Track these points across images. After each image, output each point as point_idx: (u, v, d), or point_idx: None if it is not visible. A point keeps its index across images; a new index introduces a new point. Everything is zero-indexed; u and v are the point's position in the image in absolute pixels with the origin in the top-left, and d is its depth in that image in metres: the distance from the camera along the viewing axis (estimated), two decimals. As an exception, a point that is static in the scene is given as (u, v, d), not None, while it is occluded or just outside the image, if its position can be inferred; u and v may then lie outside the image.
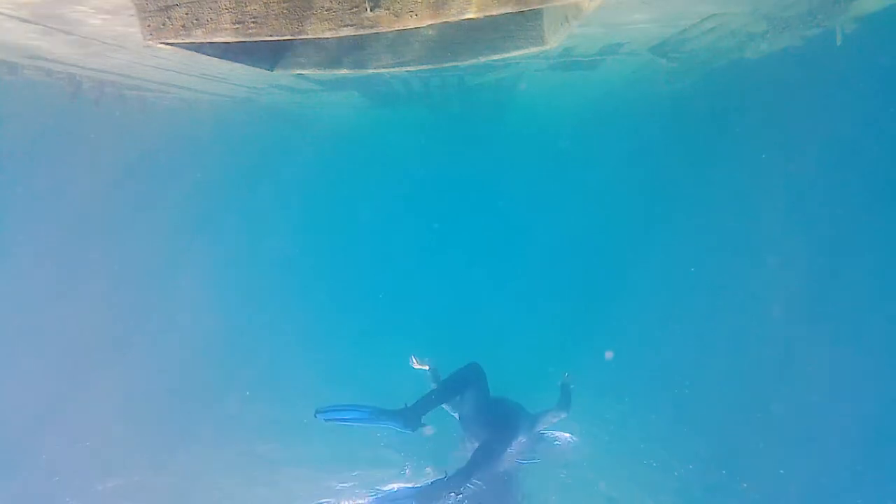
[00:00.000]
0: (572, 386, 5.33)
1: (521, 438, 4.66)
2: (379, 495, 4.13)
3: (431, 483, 4.05)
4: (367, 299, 14.12)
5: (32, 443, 7.22)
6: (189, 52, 2.30)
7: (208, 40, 1.89)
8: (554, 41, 2.55)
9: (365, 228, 20.06)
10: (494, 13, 1.78)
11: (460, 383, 4.62)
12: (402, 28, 1.80)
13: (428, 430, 4.39)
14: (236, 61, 2.57)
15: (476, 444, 4.40)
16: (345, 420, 4.21)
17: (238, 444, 7.49)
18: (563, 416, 5.03)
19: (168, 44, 1.97)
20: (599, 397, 8.13)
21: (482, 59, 2.75)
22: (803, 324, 8.25)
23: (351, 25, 1.79)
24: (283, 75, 6.19)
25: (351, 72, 2.86)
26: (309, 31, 1.82)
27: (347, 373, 9.58)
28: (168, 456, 7.09)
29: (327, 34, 1.82)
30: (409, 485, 4.38)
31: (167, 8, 1.87)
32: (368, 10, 1.76)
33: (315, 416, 4.13)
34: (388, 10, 1.76)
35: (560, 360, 8.94)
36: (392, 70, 2.82)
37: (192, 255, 13.71)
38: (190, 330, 10.98)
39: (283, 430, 7.76)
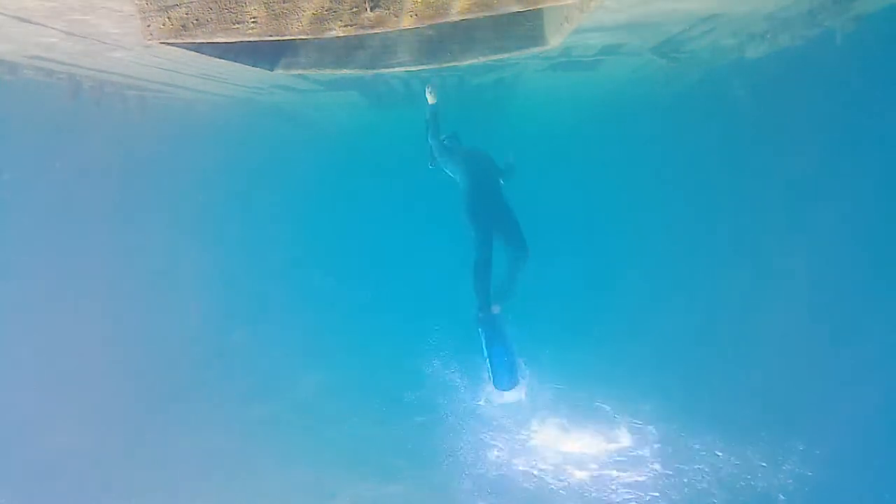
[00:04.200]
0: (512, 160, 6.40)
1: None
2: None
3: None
4: (366, 299, 14.11)
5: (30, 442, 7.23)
6: (189, 52, 2.31)
7: (208, 40, 1.89)
8: (555, 41, 2.55)
9: (364, 228, 20.07)
10: (495, 13, 1.78)
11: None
12: (402, 28, 1.80)
13: None
14: (237, 61, 2.57)
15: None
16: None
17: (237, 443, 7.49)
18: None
19: (168, 44, 1.97)
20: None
21: (482, 60, 2.75)
22: (801, 322, 8.24)
23: (351, 25, 1.79)
24: (283, 75, 6.21)
25: (351, 72, 2.87)
26: (309, 32, 1.82)
27: (350, 371, 9.60)
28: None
29: (327, 34, 1.82)
30: None
31: (167, 8, 1.87)
32: (368, 10, 1.76)
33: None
34: (388, 10, 1.76)
35: (562, 363, 8.97)
36: (392, 70, 2.82)
37: (192, 255, 13.72)
38: (189, 330, 10.99)
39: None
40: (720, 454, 5.94)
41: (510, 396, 5.29)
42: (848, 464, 5.53)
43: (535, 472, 6.01)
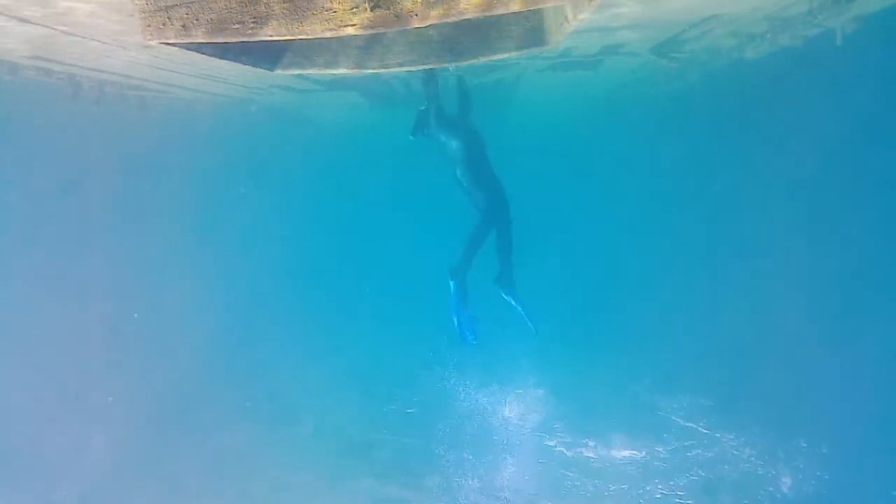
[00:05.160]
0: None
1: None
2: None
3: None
4: (366, 299, 14.11)
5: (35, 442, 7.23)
6: (189, 52, 2.30)
7: (208, 40, 1.88)
8: (555, 41, 2.55)
9: (363, 228, 20.07)
10: (495, 13, 1.78)
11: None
12: (402, 28, 1.80)
13: None
14: (237, 61, 2.56)
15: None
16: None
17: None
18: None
19: (168, 44, 1.97)
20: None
21: (482, 60, 2.75)
22: (799, 321, 8.24)
23: (351, 26, 1.79)
24: (283, 75, 6.21)
25: (351, 72, 2.86)
26: (309, 32, 1.82)
27: (351, 372, 9.60)
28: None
29: (328, 34, 1.82)
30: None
31: (167, 8, 1.87)
32: (369, 10, 1.76)
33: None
34: (389, 10, 1.76)
35: (563, 362, 8.95)
36: (392, 70, 2.82)
37: (192, 255, 13.70)
38: (187, 330, 10.98)
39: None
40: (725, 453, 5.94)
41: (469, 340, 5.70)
42: (854, 462, 5.54)
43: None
